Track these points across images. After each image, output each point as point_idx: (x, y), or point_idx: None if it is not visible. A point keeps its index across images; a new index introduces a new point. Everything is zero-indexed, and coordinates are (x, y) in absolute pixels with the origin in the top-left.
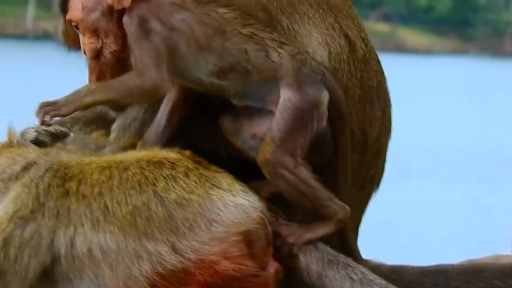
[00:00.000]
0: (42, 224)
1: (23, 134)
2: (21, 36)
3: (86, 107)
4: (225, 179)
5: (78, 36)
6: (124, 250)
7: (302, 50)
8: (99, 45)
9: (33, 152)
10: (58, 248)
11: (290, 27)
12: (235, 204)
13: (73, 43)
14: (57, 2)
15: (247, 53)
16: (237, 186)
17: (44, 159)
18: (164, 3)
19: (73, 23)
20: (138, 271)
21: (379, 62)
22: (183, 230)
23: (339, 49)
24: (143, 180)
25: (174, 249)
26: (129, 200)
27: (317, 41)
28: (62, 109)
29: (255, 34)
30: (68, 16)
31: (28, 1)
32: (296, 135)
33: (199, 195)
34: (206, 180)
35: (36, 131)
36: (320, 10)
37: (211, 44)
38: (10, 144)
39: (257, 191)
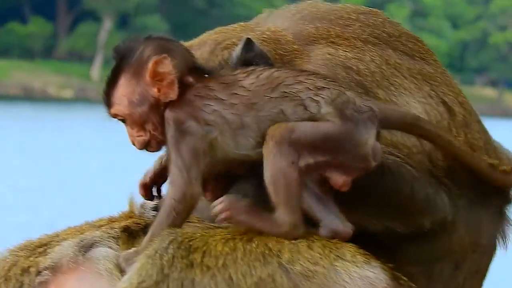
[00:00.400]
0: None
1: (143, 204)
2: None
3: None
4: (348, 250)
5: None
6: None
7: (343, 90)
8: (147, 138)
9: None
10: None
11: (388, 99)
12: (360, 276)
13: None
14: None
15: (284, 113)
16: (360, 257)
17: (168, 231)
18: (192, 98)
19: (119, 118)
20: None
21: (480, 122)
22: None
23: (439, 117)
24: (267, 252)
25: None
26: (253, 272)
27: (416, 111)
28: None
29: (287, 92)
30: (113, 111)
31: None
32: (314, 151)
33: (324, 267)
34: (330, 251)
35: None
36: (415, 80)
37: (246, 121)
38: (130, 214)
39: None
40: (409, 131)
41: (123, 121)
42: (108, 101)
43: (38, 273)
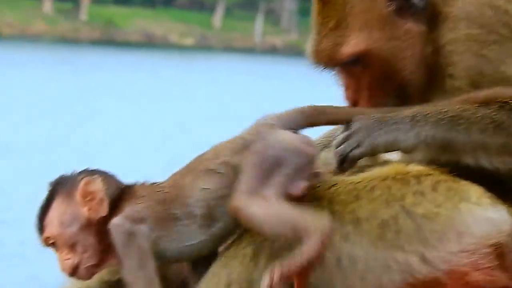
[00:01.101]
0: None
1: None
2: (248, 50)
3: None
4: (474, 192)
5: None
6: (374, 261)
7: (236, 140)
8: (76, 261)
9: None
10: None
11: None
12: (484, 217)
13: (326, 61)
14: (284, 20)
15: (205, 188)
16: (486, 200)
17: None
18: (126, 203)
19: (50, 241)
20: (388, 281)
21: None
22: (432, 242)
23: None
24: (390, 198)
25: (424, 260)
26: (377, 215)
27: None
28: None
29: (197, 173)
30: (44, 235)
31: (256, 17)
32: (264, 179)
33: (447, 209)
34: (455, 193)
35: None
36: None
37: (175, 212)
38: None
39: None
40: (314, 124)
41: (54, 246)
42: (40, 226)
43: None
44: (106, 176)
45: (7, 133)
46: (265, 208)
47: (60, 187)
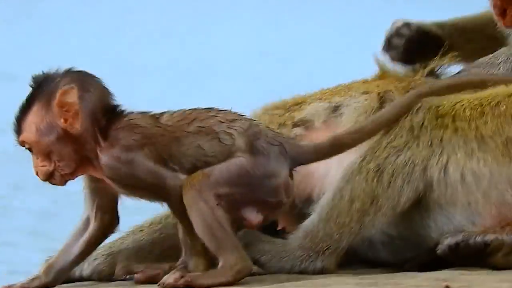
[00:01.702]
0: (415, 153)
1: None
2: None
3: None
4: None
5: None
6: (498, 177)
7: (255, 123)
8: (51, 168)
9: (391, 84)
10: (431, 176)
11: None
12: None
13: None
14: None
15: (202, 148)
16: None
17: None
18: (118, 131)
19: (27, 145)
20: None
21: None
22: None
23: None
24: None
25: None
26: (502, 132)
27: None
28: None
29: (202, 126)
30: (21, 138)
31: None
32: (232, 189)
33: None
34: None
35: None
36: None
37: (172, 151)
38: (382, 76)
39: None
40: (329, 156)
41: (30, 150)
42: (17, 127)
43: (294, 126)
44: (90, 87)
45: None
46: (207, 213)
47: (41, 90)
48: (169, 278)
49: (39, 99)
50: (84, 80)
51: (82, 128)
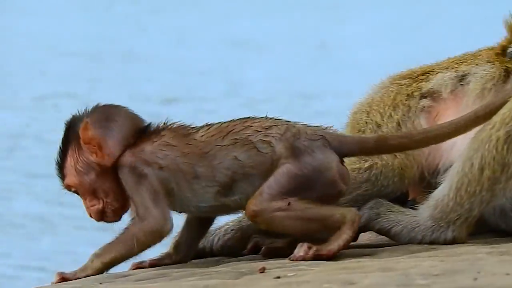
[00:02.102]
0: None
1: None
2: None
3: (99, 271)
4: None
5: None
6: None
7: (291, 124)
8: (100, 206)
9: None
10: None
11: None
12: None
13: None
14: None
15: (238, 159)
16: None
17: None
18: (146, 145)
19: (72, 189)
20: None
21: None
22: None
23: None
24: None
25: None
26: None
27: None
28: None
29: (237, 138)
30: (65, 182)
31: None
32: (289, 196)
33: None
34: None
35: None
36: None
37: (199, 170)
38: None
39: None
40: (374, 153)
41: (77, 193)
42: (60, 173)
43: (421, 97)
44: (110, 116)
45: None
46: (290, 212)
47: (72, 132)
48: (299, 251)
49: (70, 141)
50: (102, 112)
51: (112, 156)
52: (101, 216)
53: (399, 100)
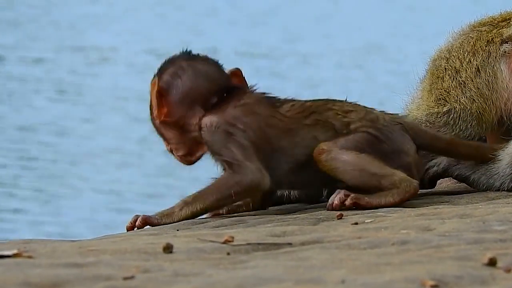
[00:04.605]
0: None
1: None
2: None
3: (185, 219)
4: None
5: None
6: None
7: (369, 110)
8: (169, 149)
9: None
10: None
11: None
12: None
13: None
14: None
15: (317, 139)
16: None
17: None
18: (229, 108)
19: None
20: None
21: None
22: None
23: None
24: None
25: None
26: None
27: None
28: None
29: (319, 120)
30: (155, 125)
31: None
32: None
33: None
34: None
35: None
36: None
37: (281, 144)
38: None
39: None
40: (441, 153)
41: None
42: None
43: (502, 42)
44: (184, 72)
45: None
46: (355, 158)
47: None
48: (335, 200)
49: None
50: (178, 66)
51: (176, 115)
52: (173, 155)
53: (478, 46)
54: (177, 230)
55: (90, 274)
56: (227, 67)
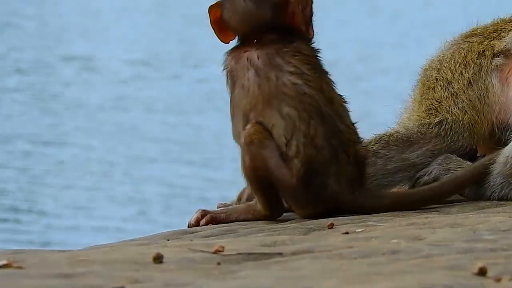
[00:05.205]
0: None
1: None
2: None
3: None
4: None
5: None
6: None
7: None
8: None
9: None
10: None
11: None
12: None
13: None
14: None
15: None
16: None
17: None
18: (275, 52)
19: None
20: None
21: None
22: None
23: None
24: None
25: None
26: None
27: None
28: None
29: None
30: None
31: None
32: None
33: None
34: None
35: None
36: None
37: (271, 102)
38: None
39: None
40: None
41: None
42: None
43: (494, 56)
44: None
45: None
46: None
47: None
48: (191, 220)
49: None
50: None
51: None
52: None
53: (470, 58)
54: (168, 240)
55: (80, 285)
56: (212, 77)
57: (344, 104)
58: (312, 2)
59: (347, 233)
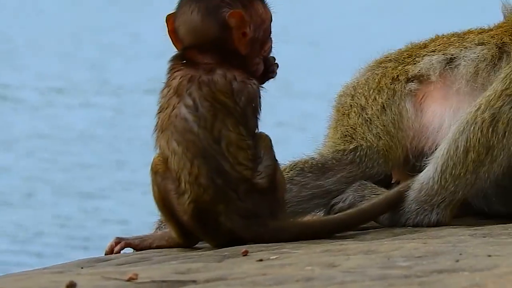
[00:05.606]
0: None
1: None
2: None
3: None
4: None
5: None
6: None
7: None
8: None
9: (506, 35)
10: None
11: None
12: None
13: None
14: None
15: None
16: None
17: None
18: None
19: None
20: None
21: None
22: None
23: None
24: None
25: None
26: None
27: None
28: None
29: None
30: None
31: None
32: None
33: None
34: None
35: None
36: None
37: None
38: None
39: None
40: None
41: None
42: None
43: (408, 81)
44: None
45: None
46: None
47: None
48: (106, 248)
49: None
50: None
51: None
52: None
53: (383, 83)
54: (81, 267)
55: None
56: (134, 107)
57: (241, 143)
58: (271, 21)
59: (261, 260)
